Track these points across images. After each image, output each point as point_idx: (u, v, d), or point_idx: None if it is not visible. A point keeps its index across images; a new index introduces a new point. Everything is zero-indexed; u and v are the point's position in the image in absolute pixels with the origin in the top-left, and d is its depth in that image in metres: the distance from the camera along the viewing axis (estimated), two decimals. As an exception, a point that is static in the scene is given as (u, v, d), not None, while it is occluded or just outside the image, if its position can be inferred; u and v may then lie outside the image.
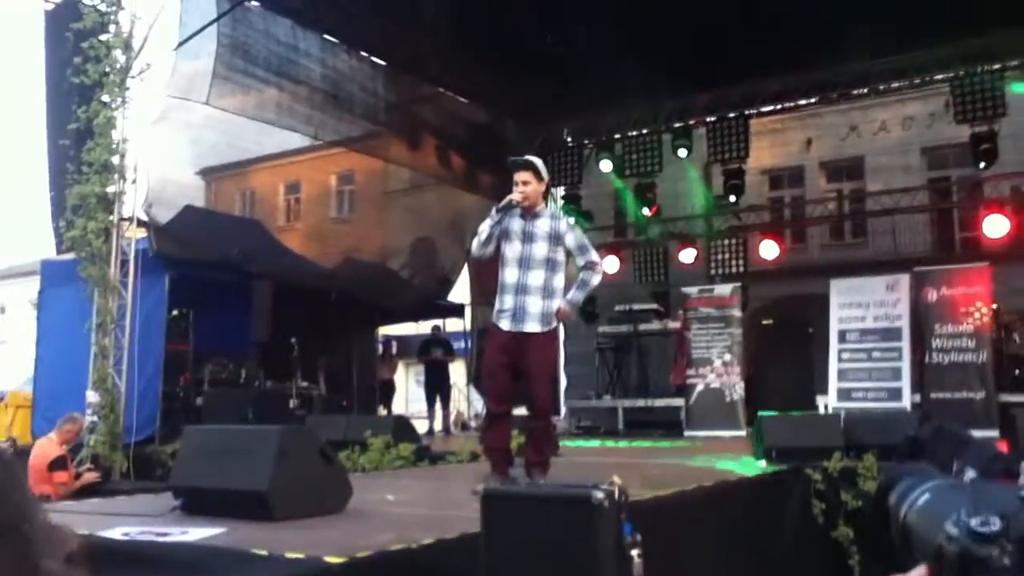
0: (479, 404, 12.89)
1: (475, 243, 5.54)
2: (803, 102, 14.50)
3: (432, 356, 14.39)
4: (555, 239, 5.44)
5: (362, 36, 12.33)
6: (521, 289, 5.39)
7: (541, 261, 5.40)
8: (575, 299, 5.57)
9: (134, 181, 9.59)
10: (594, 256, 5.59)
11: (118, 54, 9.36)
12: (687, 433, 11.88)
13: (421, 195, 16.36)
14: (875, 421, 7.97)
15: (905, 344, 11.29)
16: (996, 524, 0.87)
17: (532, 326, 5.38)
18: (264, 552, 3.21)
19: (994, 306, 11.21)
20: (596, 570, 3.14)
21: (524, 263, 5.41)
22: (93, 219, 9.10)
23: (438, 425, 14.20)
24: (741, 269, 14.82)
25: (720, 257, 15.18)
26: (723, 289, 12.93)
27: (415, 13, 11.57)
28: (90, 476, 8.23)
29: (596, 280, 5.58)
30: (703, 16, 11.02)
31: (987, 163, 12.45)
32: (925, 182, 17.38)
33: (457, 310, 16.08)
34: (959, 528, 0.88)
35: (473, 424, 14.73)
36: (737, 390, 12.03)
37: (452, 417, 14.93)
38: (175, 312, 10.47)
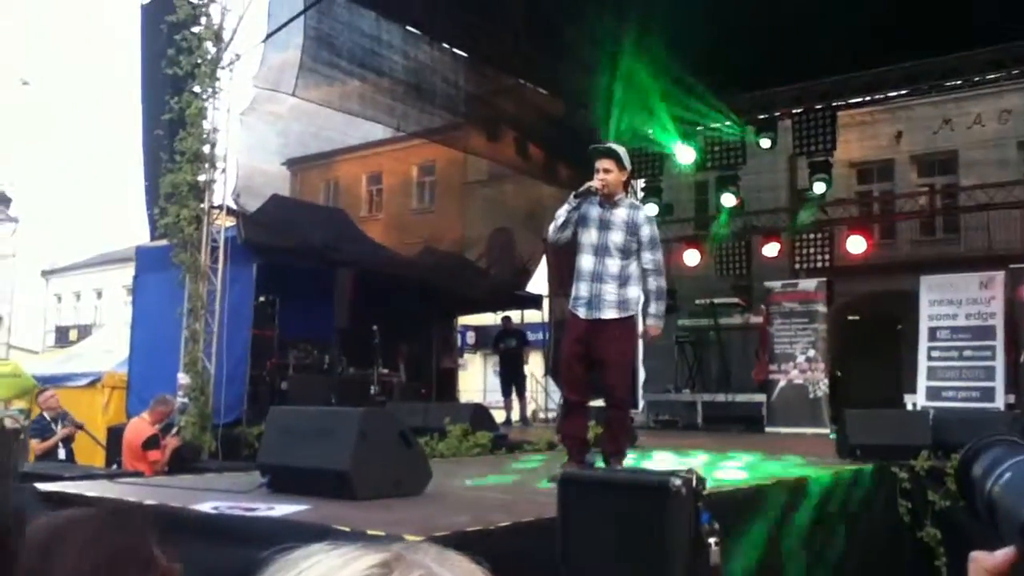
0: (557, 395, 12.91)
1: (551, 227, 5.55)
2: (893, 94, 14.07)
3: (505, 347, 14.46)
4: (632, 228, 5.43)
5: (444, 28, 12.43)
6: (597, 277, 5.40)
7: (617, 249, 5.39)
8: (659, 311, 5.56)
9: (223, 170, 9.87)
10: (659, 256, 5.60)
11: (209, 46, 9.63)
12: (768, 429, 11.68)
13: (499, 186, 16.45)
14: (965, 420, 7.72)
15: (999, 343, 10.90)
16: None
17: (609, 313, 5.39)
18: (346, 528, 3.29)
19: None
20: (671, 557, 3.13)
21: (600, 250, 5.40)
22: (185, 207, 9.40)
23: (515, 415, 14.26)
24: (827, 264, 14.47)
25: (805, 251, 14.85)
26: (808, 284, 12.65)
27: (496, 5, 11.62)
28: (172, 441, 8.51)
29: (663, 284, 5.62)
30: (789, 6, 10.79)
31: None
32: (1022, 177, 16.70)
33: (535, 301, 16.11)
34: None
35: (550, 416, 14.76)
36: (821, 387, 11.77)
37: (529, 408, 14.97)
38: (262, 299, 10.73)
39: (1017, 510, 0.90)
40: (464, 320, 18.01)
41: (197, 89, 9.43)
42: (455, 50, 12.98)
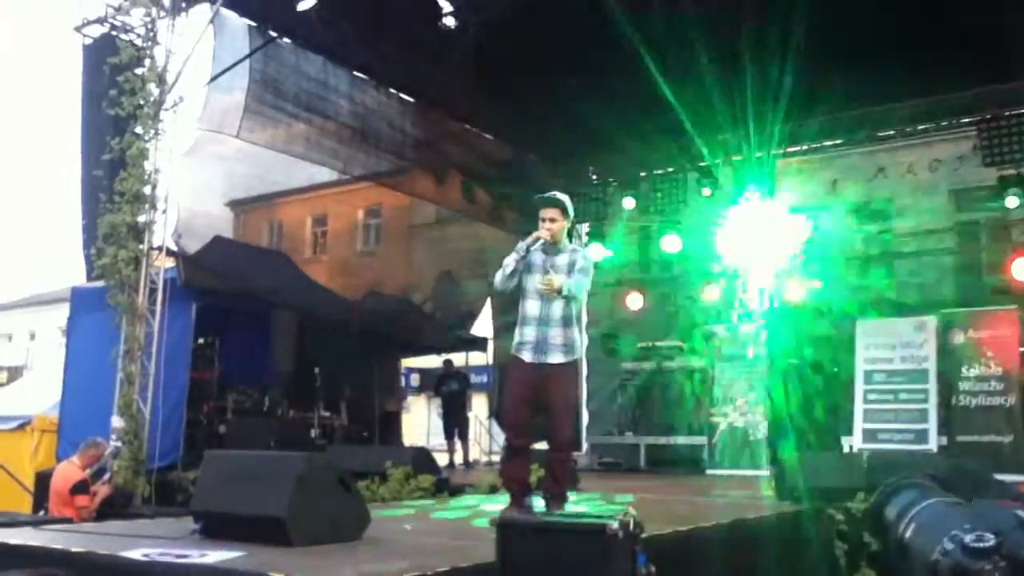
0: (500, 438, 12.87)
1: (499, 276, 5.61)
2: (829, 143, 14.50)
3: (447, 390, 14.42)
4: (573, 271, 5.54)
5: (391, 74, 12.52)
6: (543, 321, 5.47)
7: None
8: (571, 287, 5.44)
9: (164, 211, 9.76)
10: (583, 280, 5.55)
11: (152, 87, 9.58)
12: (709, 471, 11.78)
13: (445, 229, 16.51)
14: (899, 462, 7.86)
15: (932, 386, 11.18)
16: (991, 540, 0.89)
17: (555, 356, 5.45)
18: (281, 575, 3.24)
19: (1022, 349, 11.08)
20: (610, 601, 3.14)
21: (546, 295, 5.47)
22: (124, 248, 9.26)
23: (458, 458, 14.18)
24: (768, 307, 14.73)
25: (746, 295, 15.11)
26: (748, 327, 12.87)
27: (444, 53, 11.74)
28: (103, 489, 8.28)
29: (589, 278, 5.59)
30: (731, 57, 11.10)
31: (1016, 206, 12.37)
32: (953, 224, 17.25)
33: (480, 343, 16.11)
34: (955, 543, 0.90)
35: (493, 458, 14.69)
36: (760, 429, 11.93)
37: (473, 451, 14.89)
38: (201, 340, 10.58)
39: (927, 551, 0.94)
40: (408, 362, 17.92)
41: (139, 130, 9.36)
42: (402, 95, 13.07)
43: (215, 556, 3.69)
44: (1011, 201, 12.21)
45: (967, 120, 12.96)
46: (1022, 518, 2.28)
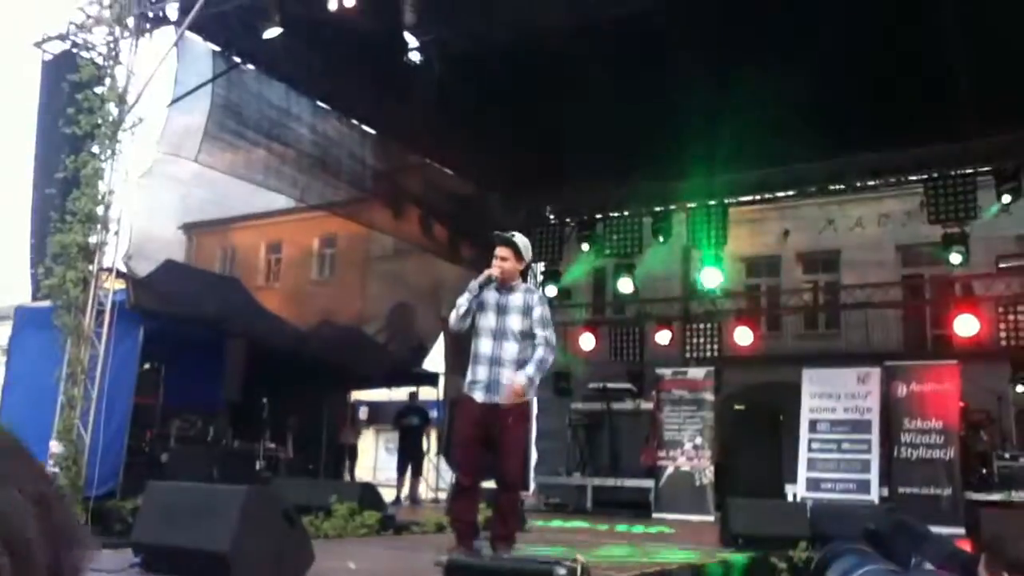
0: (448, 475, 12.77)
1: (453, 316, 5.61)
2: (781, 194, 14.83)
3: (407, 423, 14.30)
4: (527, 310, 5.54)
5: (354, 105, 12.57)
6: (496, 361, 5.46)
7: (515, 333, 5.48)
8: (531, 374, 5.48)
9: (116, 233, 9.60)
10: (551, 335, 5.61)
11: (111, 107, 9.46)
12: (655, 515, 11.81)
13: (402, 262, 16.44)
14: (841, 512, 7.99)
15: (874, 437, 11.38)
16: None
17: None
18: (221, 614, 3.18)
19: (962, 403, 11.35)
20: (555, 648, 3.13)
21: (498, 335, 5.49)
22: (73, 268, 9.07)
23: (405, 492, 14.04)
24: (715, 353, 14.96)
25: (695, 340, 15.33)
26: (697, 372, 13.01)
27: (407, 87, 11.82)
28: None
29: (551, 358, 5.60)
30: (686, 106, 11.34)
31: (959, 263, 12.72)
32: (899, 278, 17.69)
33: (431, 379, 16.03)
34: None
35: (440, 495, 14.56)
36: (707, 474, 12.02)
37: (421, 488, 14.77)
38: (147, 365, 10.38)
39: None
40: (357, 395, 17.74)
41: (96, 149, 9.22)
42: (363, 126, 13.10)
43: (153, 591, 3.61)
44: (954, 258, 12.55)
45: (914, 178, 13.35)
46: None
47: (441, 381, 15.86)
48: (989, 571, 3.00)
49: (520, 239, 5.72)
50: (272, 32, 10.06)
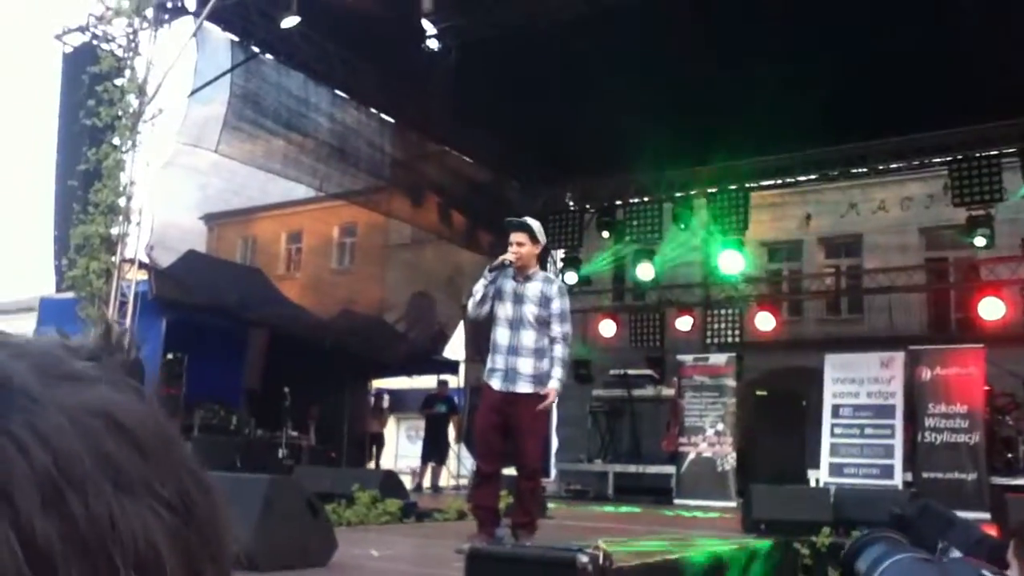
0: (469, 462, 12.82)
1: (471, 304, 5.60)
2: (803, 178, 14.70)
3: (436, 411, 14.31)
4: (544, 301, 5.50)
5: (371, 93, 12.56)
6: (513, 350, 5.44)
7: (532, 322, 5.45)
8: (559, 376, 5.51)
9: (138, 224, 9.68)
10: (568, 328, 5.62)
11: (132, 98, 9.52)
12: (677, 501, 11.79)
13: (421, 250, 16.48)
14: (865, 497, 7.92)
15: (898, 422, 11.28)
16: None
17: (524, 386, 5.41)
18: (245, 601, 3.20)
19: (987, 388, 11.23)
20: (577, 635, 3.13)
21: (516, 324, 5.46)
22: (95, 259, 9.16)
23: (427, 482, 14.09)
24: (737, 339, 14.88)
25: (716, 326, 15.26)
26: (718, 358, 12.95)
27: (424, 75, 11.80)
28: None
29: (567, 354, 5.62)
30: (707, 91, 11.25)
31: (983, 246, 12.57)
32: (922, 262, 17.52)
33: (452, 367, 16.07)
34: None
35: (461, 483, 14.61)
36: (729, 460, 11.97)
37: (443, 477, 14.81)
38: (170, 356, 10.47)
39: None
40: (378, 383, 17.83)
41: (116, 141, 9.28)
42: (382, 115, 13.09)
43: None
44: (979, 240, 12.40)
45: (938, 160, 13.18)
46: None
47: (461, 369, 15.90)
48: (1017, 557, 2.97)
49: (533, 222, 5.68)
50: (290, 21, 10.08)
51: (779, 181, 14.79)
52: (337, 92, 12.35)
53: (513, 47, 10.98)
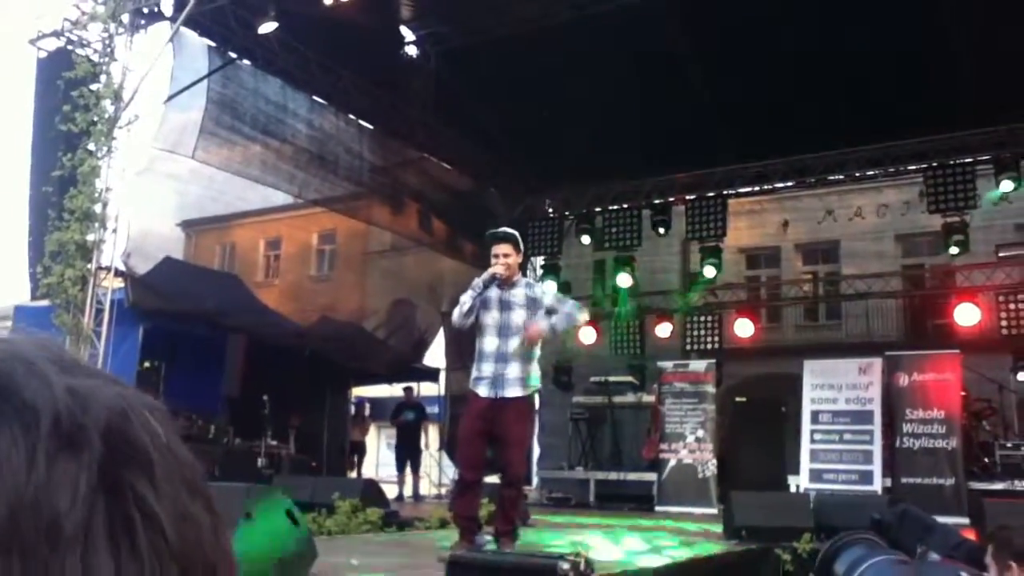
0: (451, 470, 12.77)
1: (456, 313, 5.59)
2: (780, 185, 14.80)
3: (404, 419, 14.26)
4: (533, 305, 5.51)
5: (351, 100, 12.52)
6: (501, 357, 5.44)
7: (519, 328, 5.46)
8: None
9: (114, 230, 9.58)
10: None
11: (107, 104, 9.43)
12: (658, 508, 11.78)
13: (401, 258, 16.41)
14: (845, 503, 7.96)
15: (876, 427, 11.33)
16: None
17: (512, 391, 5.41)
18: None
19: (964, 393, 11.32)
20: (560, 644, 3.11)
21: (503, 331, 5.46)
22: (71, 267, 9.05)
23: (408, 490, 14.02)
24: (716, 346, 14.93)
25: (695, 333, 15.30)
26: (698, 365, 12.97)
27: (404, 81, 11.79)
28: None
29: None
30: (683, 99, 11.31)
31: (959, 252, 12.69)
32: (899, 268, 17.67)
33: (432, 374, 16.02)
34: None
35: (443, 491, 14.55)
36: (710, 467, 11.99)
37: (422, 484, 14.75)
38: (147, 364, 10.37)
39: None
40: (359, 391, 17.74)
41: (92, 147, 9.18)
42: (361, 122, 13.05)
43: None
44: (954, 248, 12.52)
45: (914, 167, 13.31)
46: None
47: (442, 376, 15.84)
48: (995, 561, 2.99)
49: (514, 232, 5.77)
50: (267, 27, 10.03)
51: (757, 188, 14.87)
52: (315, 98, 12.30)
53: (493, 54, 11.00)
